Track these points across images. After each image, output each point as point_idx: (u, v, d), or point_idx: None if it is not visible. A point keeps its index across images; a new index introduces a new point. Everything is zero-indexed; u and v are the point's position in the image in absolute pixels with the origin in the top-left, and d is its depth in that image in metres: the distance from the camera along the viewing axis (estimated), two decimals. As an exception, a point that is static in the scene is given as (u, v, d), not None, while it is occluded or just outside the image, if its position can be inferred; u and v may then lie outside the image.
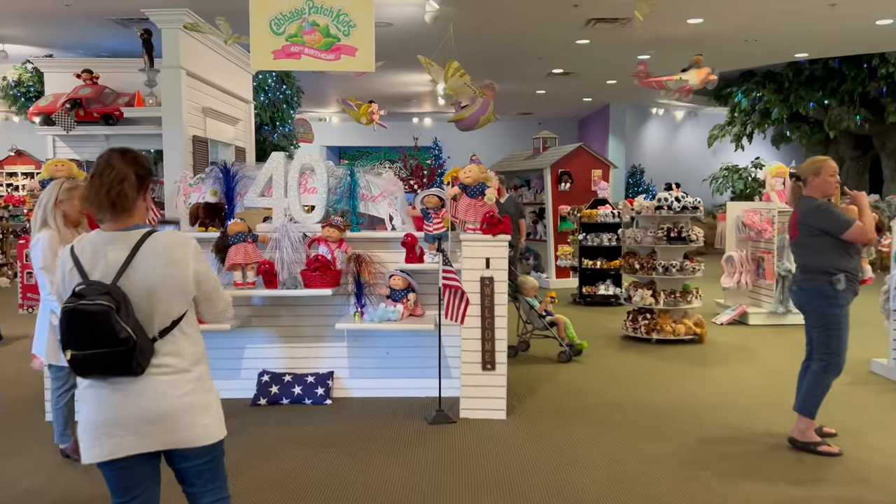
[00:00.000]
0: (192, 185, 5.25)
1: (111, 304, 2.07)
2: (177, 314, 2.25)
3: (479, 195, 4.87)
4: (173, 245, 2.25)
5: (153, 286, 2.17)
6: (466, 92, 6.48)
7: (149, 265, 2.17)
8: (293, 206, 5.17)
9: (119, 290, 2.12)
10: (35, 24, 9.71)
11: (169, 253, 2.22)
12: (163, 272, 2.19)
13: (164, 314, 2.22)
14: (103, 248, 2.19)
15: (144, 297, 2.16)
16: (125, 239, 2.19)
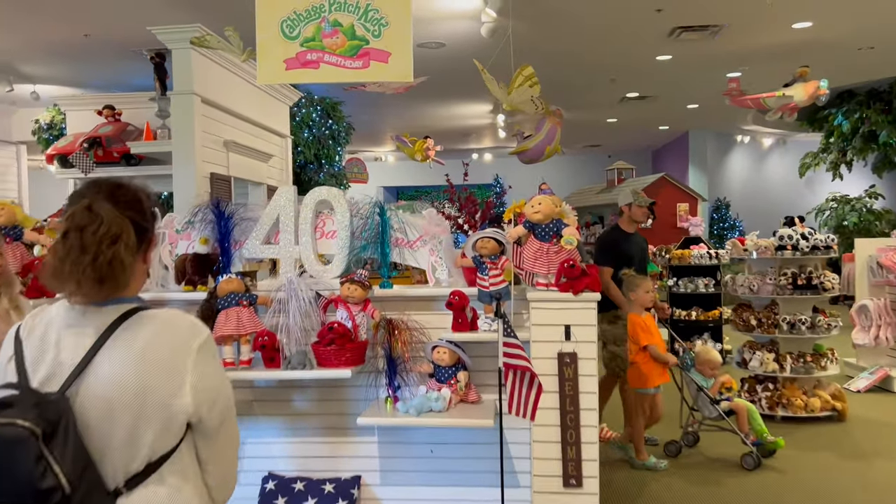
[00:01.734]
0: (179, 231, 4.07)
1: (36, 429, 1.33)
2: (157, 453, 1.49)
3: (552, 237, 3.50)
4: (166, 340, 1.53)
5: (121, 403, 1.45)
6: (528, 109, 5.17)
7: (119, 367, 1.46)
8: (306, 256, 3.93)
9: (61, 406, 1.40)
10: (60, 61, 9.00)
11: (156, 352, 1.50)
12: (139, 382, 1.46)
13: (134, 451, 1.46)
14: (60, 332, 1.52)
15: (105, 420, 1.44)
16: (95, 319, 1.51)
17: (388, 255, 3.92)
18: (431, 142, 9.68)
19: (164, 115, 6.35)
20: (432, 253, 3.93)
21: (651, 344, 4.73)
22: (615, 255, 5.20)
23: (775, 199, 17.72)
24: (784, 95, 7.32)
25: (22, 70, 9.47)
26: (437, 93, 11.34)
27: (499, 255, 3.65)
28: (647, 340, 4.70)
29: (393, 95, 11.35)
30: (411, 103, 12.35)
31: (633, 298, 4.76)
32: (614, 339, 5.24)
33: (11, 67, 9.29)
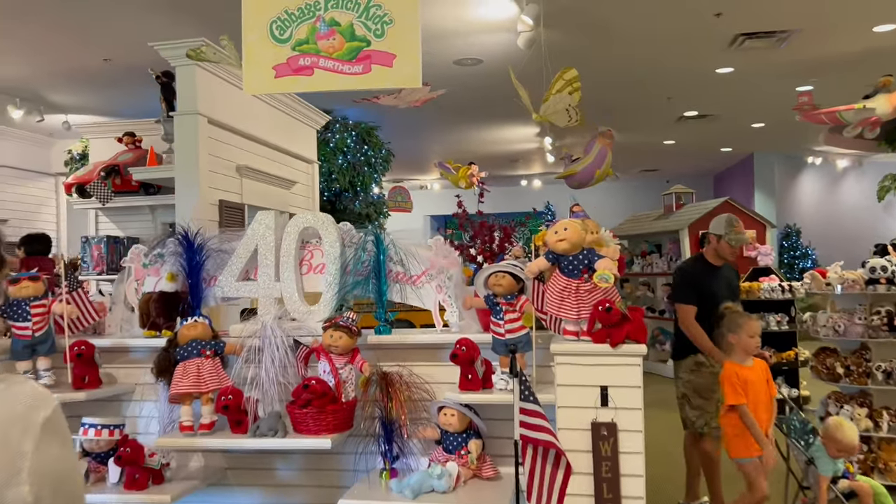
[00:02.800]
0: (147, 266, 3.48)
1: None
2: None
3: (582, 271, 2.74)
4: None
5: None
6: (560, 120, 4.44)
7: None
8: (289, 295, 3.26)
9: None
10: (85, 89, 8.75)
11: None
12: None
13: None
14: None
15: None
16: None
17: (386, 294, 3.22)
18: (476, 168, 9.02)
19: (169, 138, 5.87)
20: (439, 290, 3.21)
21: (740, 403, 3.55)
22: (696, 291, 4.29)
23: (851, 226, 16.33)
24: (864, 108, 6.40)
25: (52, 100, 9.28)
26: (478, 114, 10.71)
27: (516, 294, 2.91)
28: (736, 399, 3.54)
29: (429, 118, 10.81)
30: (453, 128, 11.75)
31: (734, 342, 3.68)
32: (699, 391, 4.30)
33: (40, 97, 9.09)
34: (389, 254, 3.21)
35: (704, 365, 4.21)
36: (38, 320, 3.14)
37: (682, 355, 4.32)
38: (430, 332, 3.22)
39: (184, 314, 3.28)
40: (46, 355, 3.18)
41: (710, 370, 4.16)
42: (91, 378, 3.18)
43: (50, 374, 3.17)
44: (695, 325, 4.14)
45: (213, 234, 3.46)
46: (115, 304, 3.50)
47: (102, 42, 7.22)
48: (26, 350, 3.14)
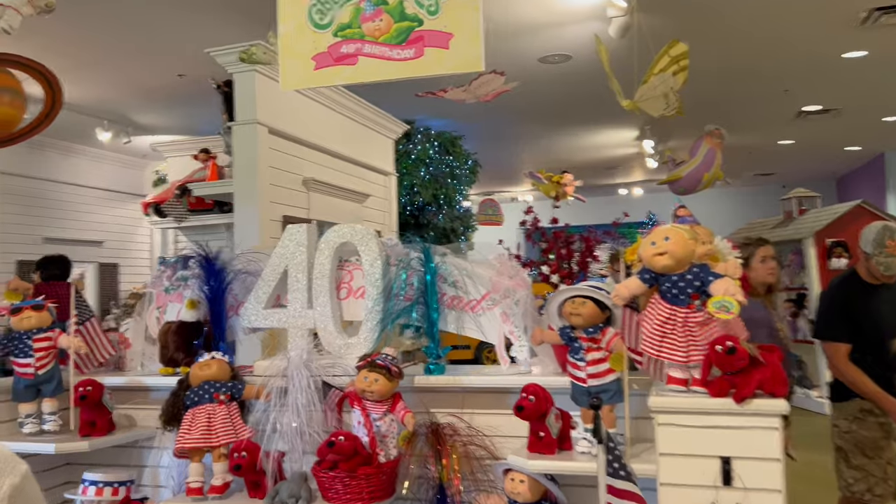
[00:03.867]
0: (169, 291, 3.01)
1: None
2: None
3: (691, 296, 2.00)
4: None
5: None
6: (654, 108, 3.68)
7: None
8: (323, 326, 2.69)
9: None
10: (166, 107, 8.68)
11: None
12: None
13: None
14: None
15: None
16: None
17: (437, 323, 2.59)
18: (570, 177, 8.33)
19: (230, 151, 5.51)
20: (505, 319, 2.55)
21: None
22: (851, 321, 3.30)
23: None
24: None
25: (137, 120, 9.29)
26: (569, 118, 9.95)
27: (601, 326, 2.20)
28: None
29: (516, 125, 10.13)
30: (542, 134, 11.03)
31: None
32: (862, 446, 3.33)
33: (126, 118, 9.12)
34: (441, 273, 2.58)
35: (872, 413, 3.23)
36: (41, 356, 2.72)
37: (843, 398, 3.34)
38: (494, 373, 2.56)
39: (207, 348, 2.77)
40: (52, 396, 2.75)
41: (879, 421, 3.20)
42: (100, 423, 2.73)
43: (54, 419, 2.74)
44: (851, 369, 3.19)
45: (240, 253, 2.95)
46: (135, 335, 3.05)
47: (175, 57, 7.04)
48: (29, 390, 2.72)
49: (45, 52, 5.12)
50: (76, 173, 10.17)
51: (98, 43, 6.47)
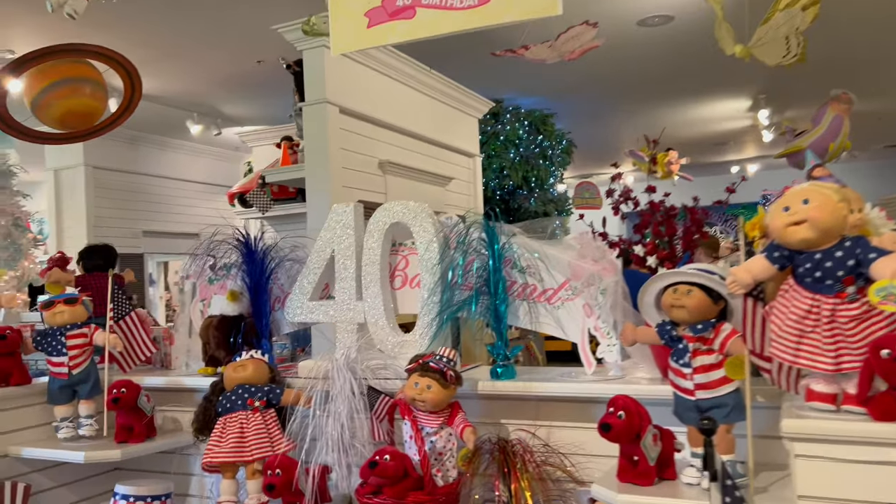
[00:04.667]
0: (213, 281, 2.71)
1: None
2: None
3: (843, 281, 1.45)
4: None
5: None
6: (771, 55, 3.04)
7: None
8: (374, 319, 2.31)
9: None
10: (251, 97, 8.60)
11: None
12: None
13: None
14: None
15: None
16: None
17: (505, 317, 2.14)
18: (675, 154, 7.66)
19: (302, 134, 5.25)
20: (589, 312, 2.07)
21: None
22: None
23: None
24: None
25: (225, 112, 9.30)
26: (673, 88, 9.13)
27: (714, 322, 1.69)
28: None
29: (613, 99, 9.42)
30: (642, 108, 10.24)
31: None
32: None
33: (215, 110, 9.14)
34: (508, 256, 2.13)
35: None
36: (75, 354, 2.48)
37: None
38: (575, 379, 2.09)
39: (248, 345, 2.45)
40: (89, 398, 2.51)
41: None
42: (138, 428, 2.46)
43: (91, 424, 2.49)
44: None
45: (283, 237, 2.61)
46: (179, 330, 2.78)
47: (252, 43, 6.88)
48: (64, 391, 2.49)
49: (125, 42, 5.01)
50: (173, 167, 10.35)
51: (178, 32, 6.38)
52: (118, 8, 5.79)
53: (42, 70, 4.12)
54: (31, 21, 5.49)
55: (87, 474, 2.62)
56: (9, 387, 2.50)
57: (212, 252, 2.60)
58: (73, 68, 4.37)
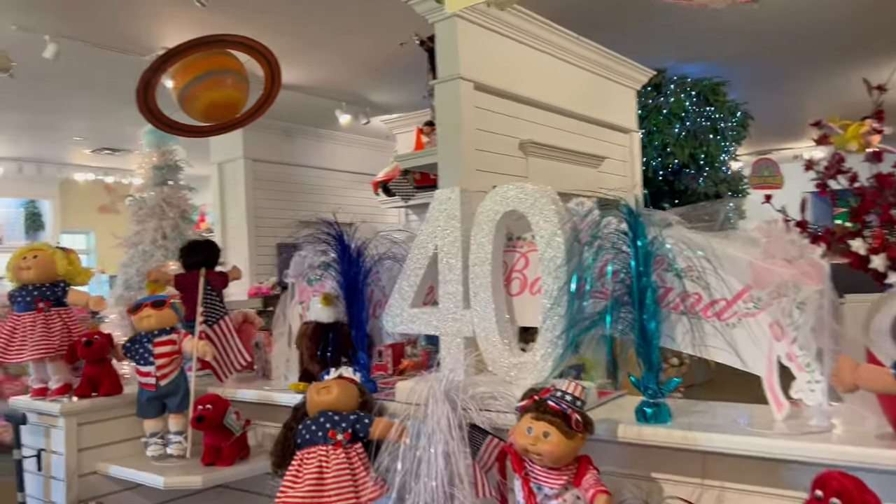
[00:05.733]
0: (313, 282, 2.37)
1: None
2: None
3: None
4: None
5: None
6: None
7: None
8: (485, 334, 1.82)
9: None
10: (396, 81, 8.38)
11: None
12: None
13: None
14: None
15: None
16: None
17: (656, 337, 1.57)
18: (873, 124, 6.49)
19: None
20: (780, 334, 1.45)
21: None
22: None
23: None
24: None
25: (373, 100, 9.19)
26: (865, 47, 7.74)
27: None
28: None
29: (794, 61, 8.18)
30: (830, 71, 8.84)
31: None
32: None
33: (363, 98, 9.05)
34: (660, 255, 1.56)
35: None
36: (163, 363, 2.24)
37: None
38: (759, 431, 1.48)
39: (341, 357, 2.07)
40: (178, 412, 2.26)
41: None
42: (227, 449, 2.17)
43: (180, 441, 2.24)
44: None
45: (380, 232, 2.19)
46: (278, 336, 2.47)
47: (393, 24, 6.60)
48: (153, 404, 2.26)
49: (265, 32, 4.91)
50: (326, 157, 10.46)
51: (320, 19, 6.24)
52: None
53: (187, 63, 4.05)
54: (181, 16, 5.55)
55: (176, 496, 2.38)
56: (98, 397, 2.30)
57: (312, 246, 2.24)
58: (216, 60, 4.27)
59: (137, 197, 8.79)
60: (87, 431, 2.25)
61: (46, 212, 12.88)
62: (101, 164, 11.99)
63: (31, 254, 2.25)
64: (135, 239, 8.24)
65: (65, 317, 2.29)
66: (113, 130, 9.23)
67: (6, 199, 12.24)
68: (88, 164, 12.02)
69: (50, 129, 9.66)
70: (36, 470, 2.26)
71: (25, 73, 6.10)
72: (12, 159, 11.27)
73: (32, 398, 2.29)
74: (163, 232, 8.86)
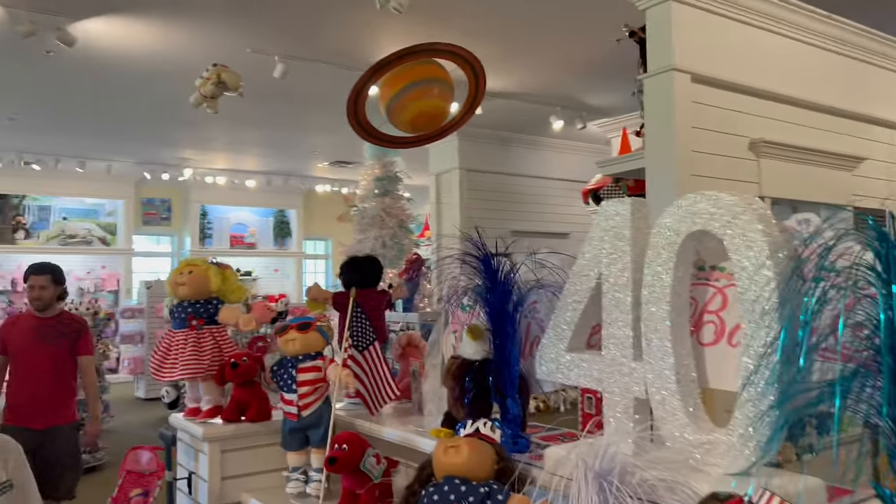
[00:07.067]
0: (467, 309, 2.03)
1: None
2: None
3: None
4: None
5: None
6: None
7: None
8: (662, 396, 1.35)
9: None
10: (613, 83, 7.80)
11: None
12: None
13: None
14: None
15: None
16: None
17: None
18: None
19: (645, 113, 4.28)
20: None
21: None
22: None
23: None
24: None
25: (589, 103, 8.69)
26: None
27: None
28: None
29: None
30: None
31: None
32: None
33: (578, 102, 8.60)
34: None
35: None
36: (305, 391, 2.05)
37: None
38: None
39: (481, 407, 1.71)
40: (321, 447, 2.05)
41: None
42: (365, 497, 1.91)
43: (319, 480, 2.02)
44: None
45: (532, 253, 1.78)
46: (429, 368, 2.16)
47: (607, 20, 6.09)
48: (295, 436, 2.08)
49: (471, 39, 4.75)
50: (540, 165, 10.17)
51: (526, 22, 5.95)
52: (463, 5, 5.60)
53: (395, 74, 3.99)
54: (396, 28, 5.59)
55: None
56: (243, 422, 2.18)
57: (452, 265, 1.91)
58: (423, 70, 4.18)
59: (360, 207, 9.18)
60: (231, 459, 2.14)
61: (292, 220, 14.14)
62: (337, 175, 12.87)
63: (188, 269, 2.20)
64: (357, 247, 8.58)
65: (216, 335, 2.20)
66: (345, 144, 9.75)
67: (259, 209, 13.62)
68: (326, 176, 12.97)
69: (292, 145, 10.51)
70: (187, 493, 2.19)
71: (260, 92, 6.58)
72: (263, 173, 12.51)
73: (185, 418, 2.24)
74: (382, 241, 9.13)
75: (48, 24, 4.96)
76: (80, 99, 7.46)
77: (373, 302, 2.35)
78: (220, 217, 13.03)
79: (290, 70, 5.98)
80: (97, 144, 9.84)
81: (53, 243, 11.18)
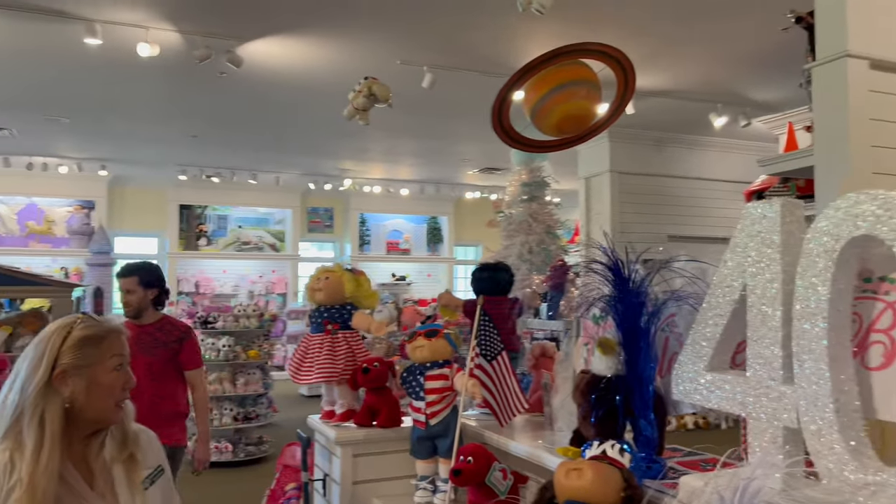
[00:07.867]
0: (599, 320, 1.91)
1: None
2: None
3: None
4: None
5: None
6: None
7: None
8: (817, 427, 1.16)
9: None
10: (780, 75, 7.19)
11: None
12: None
13: None
14: None
15: None
16: None
17: None
18: None
19: (815, 106, 3.86)
20: None
21: None
22: None
23: None
24: None
25: (753, 98, 8.07)
26: None
27: None
28: None
29: None
30: None
31: None
32: None
33: (740, 97, 8.01)
34: None
35: None
36: (433, 400, 2.02)
37: None
38: None
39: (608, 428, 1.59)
40: (448, 456, 2.01)
41: None
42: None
43: (447, 491, 1.99)
44: None
45: (667, 260, 1.63)
46: (560, 381, 2.06)
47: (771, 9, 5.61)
48: (423, 444, 2.06)
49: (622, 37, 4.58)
50: (698, 166, 9.61)
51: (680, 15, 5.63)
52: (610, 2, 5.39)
53: (540, 77, 3.94)
54: (539, 32, 5.53)
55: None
56: (374, 427, 2.19)
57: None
58: (568, 72, 4.09)
59: (507, 213, 9.13)
60: (362, 463, 2.15)
61: (444, 227, 14.42)
62: (486, 182, 12.95)
63: (325, 275, 2.26)
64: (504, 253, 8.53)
65: (350, 340, 2.24)
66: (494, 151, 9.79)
67: (412, 216, 14.02)
68: (476, 182, 13.09)
69: (442, 153, 10.71)
70: (322, 495, 2.24)
71: (411, 103, 6.75)
72: (416, 181, 12.86)
73: (321, 420, 2.29)
74: (529, 247, 9.01)
75: (219, 48, 5.38)
76: (250, 116, 8.06)
77: (500, 309, 2.28)
78: (378, 224, 13.57)
79: (438, 79, 6.07)
80: (267, 157, 10.59)
81: (230, 249, 12.19)
